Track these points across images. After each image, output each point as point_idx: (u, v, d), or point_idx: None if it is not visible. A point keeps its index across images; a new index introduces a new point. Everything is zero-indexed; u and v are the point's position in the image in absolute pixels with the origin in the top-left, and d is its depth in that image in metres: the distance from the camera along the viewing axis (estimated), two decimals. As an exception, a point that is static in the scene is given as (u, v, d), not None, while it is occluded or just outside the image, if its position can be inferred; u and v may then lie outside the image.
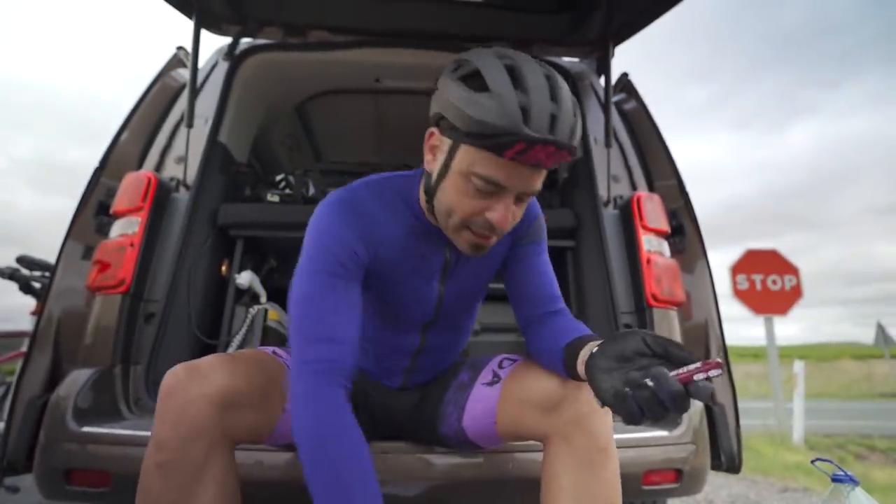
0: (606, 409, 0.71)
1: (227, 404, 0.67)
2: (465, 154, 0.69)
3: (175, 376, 0.67)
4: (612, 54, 1.58)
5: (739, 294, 4.38)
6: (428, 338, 0.91)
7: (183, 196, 1.34)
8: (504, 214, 0.69)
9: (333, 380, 0.68)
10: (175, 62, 1.67)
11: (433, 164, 0.75)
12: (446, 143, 0.71)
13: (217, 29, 1.55)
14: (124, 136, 1.42)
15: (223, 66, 1.57)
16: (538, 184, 0.71)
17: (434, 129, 0.74)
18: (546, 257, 0.91)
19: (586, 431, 0.72)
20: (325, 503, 0.62)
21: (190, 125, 1.39)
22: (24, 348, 2.08)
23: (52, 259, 2.15)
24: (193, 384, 0.66)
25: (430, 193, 0.76)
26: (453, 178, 0.71)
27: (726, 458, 1.14)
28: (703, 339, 1.31)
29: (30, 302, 2.26)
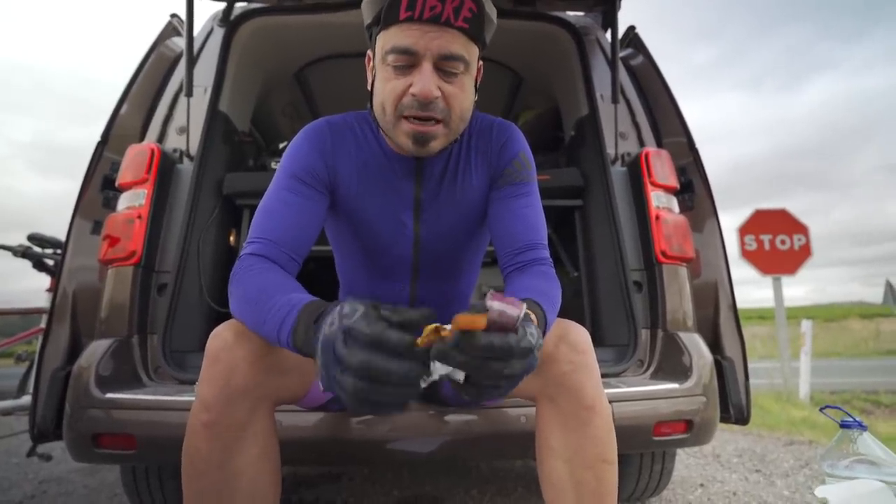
0: (591, 365, 0.71)
1: (269, 366, 0.68)
2: (379, 43, 0.74)
3: (222, 339, 0.67)
4: (619, 6, 1.52)
5: (747, 255, 4.35)
6: (419, 289, 0.91)
7: (187, 167, 1.33)
8: (425, 83, 0.70)
9: (267, 259, 0.73)
10: (170, 30, 1.63)
11: (369, 78, 0.80)
12: (371, 51, 0.78)
13: (210, -7, 1.51)
14: (124, 108, 1.40)
15: (219, 33, 1.53)
16: (454, 46, 0.71)
17: (368, 51, 0.79)
18: (530, 200, 0.86)
19: (570, 390, 0.70)
20: (247, 309, 0.66)
21: (189, 94, 1.37)
22: (42, 324, 2.13)
23: (61, 236, 2.18)
24: (239, 347, 0.66)
25: (371, 104, 0.79)
26: (379, 72, 0.75)
27: (735, 411, 1.16)
28: (712, 297, 1.31)
29: (43, 281, 2.30)
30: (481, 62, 0.79)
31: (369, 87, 0.79)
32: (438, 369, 0.52)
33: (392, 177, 0.84)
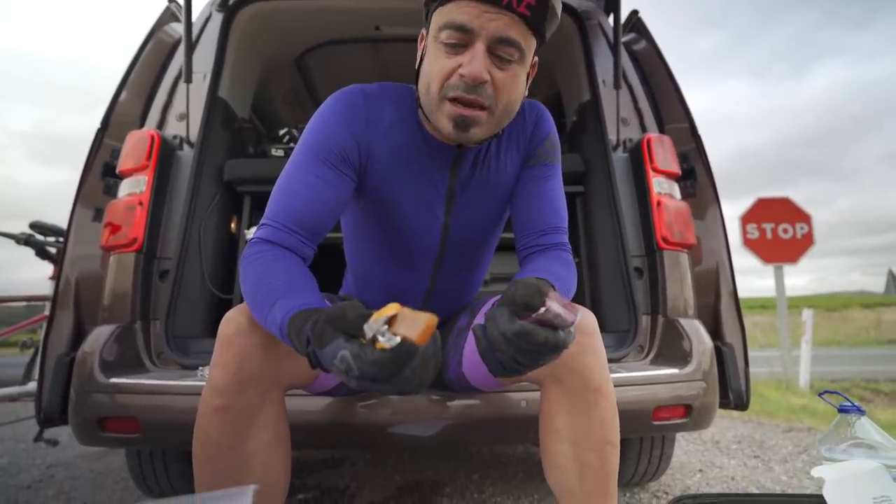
0: (597, 348, 0.72)
1: (282, 352, 0.67)
2: (435, 19, 0.70)
3: (235, 323, 0.66)
4: (622, -10, 1.50)
5: (749, 244, 4.34)
6: (438, 280, 0.89)
7: (187, 153, 1.32)
8: (476, 64, 0.66)
9: (279, 246, 0.70)
10: (168, 16, 1.62)
11: (419, 58, 0.75)
12: (424, 30, 0.73)
13: (208, -22, 1.50)
14: (123, 95, 1.39)
15: (217, 18, 1.51)
16: (511, 31, 0.67)
17: (423, 30, 0.75)
18: (556, 183, 0.85)
19: (577, 372, 0.70)
20: (252, 304, 0.65)
21: (189, 80, 1.36)
22: (46, 312, 2.15)
23: (63, 224, 2.18)
24: (252, 332, 0.65)
25: (417, 84, 0.75)
26: (430, 50, 0.71)
27: (734, 396, 1.17)
28: (713, 285, 1.31)
29: (46, 269, 2.31)
30: (536, 58, 0.75)
31: (417, 67, 0.75)
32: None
33: (429, 164, 0.79)
